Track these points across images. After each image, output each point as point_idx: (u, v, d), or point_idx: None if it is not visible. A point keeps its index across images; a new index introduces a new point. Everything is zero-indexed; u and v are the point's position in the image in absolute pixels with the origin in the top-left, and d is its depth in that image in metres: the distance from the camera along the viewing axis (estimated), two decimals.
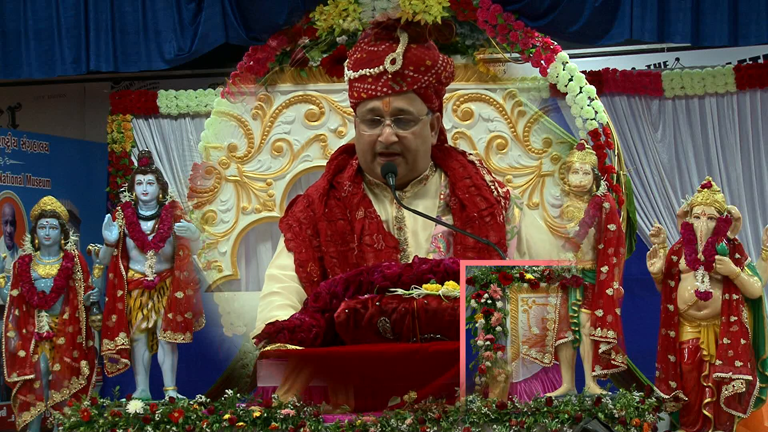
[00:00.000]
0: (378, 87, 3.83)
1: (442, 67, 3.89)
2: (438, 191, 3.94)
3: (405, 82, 3.83)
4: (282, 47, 4.53)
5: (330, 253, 3.86)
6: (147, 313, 3.92)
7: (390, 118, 3.83)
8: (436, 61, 3.87)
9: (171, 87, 5.08)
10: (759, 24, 4.37)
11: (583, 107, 4.28)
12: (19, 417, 4.02)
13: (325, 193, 3.94)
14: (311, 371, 3.37)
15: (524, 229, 3.96)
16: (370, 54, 3.86)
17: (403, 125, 3.84)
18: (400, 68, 3.80)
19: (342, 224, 3.88)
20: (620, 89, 4.77)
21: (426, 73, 3.84)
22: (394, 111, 3.83)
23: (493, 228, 3.83)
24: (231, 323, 4.48)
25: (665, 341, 3.53)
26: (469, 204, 3.87)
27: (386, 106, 3.83)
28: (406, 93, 3.83)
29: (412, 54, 3.84)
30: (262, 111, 4.58)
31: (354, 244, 3.83)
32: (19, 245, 4.59)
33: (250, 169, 4.58)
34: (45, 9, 4.77)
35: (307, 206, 3.95)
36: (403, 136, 3.84)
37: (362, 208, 3.88)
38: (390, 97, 3.83)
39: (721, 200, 3.53)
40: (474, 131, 4.51)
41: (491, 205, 3.87)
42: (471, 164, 3.99)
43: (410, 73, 3.82)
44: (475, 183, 3.91)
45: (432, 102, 3.91)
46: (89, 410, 3.35)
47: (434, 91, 3.90)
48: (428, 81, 3.85)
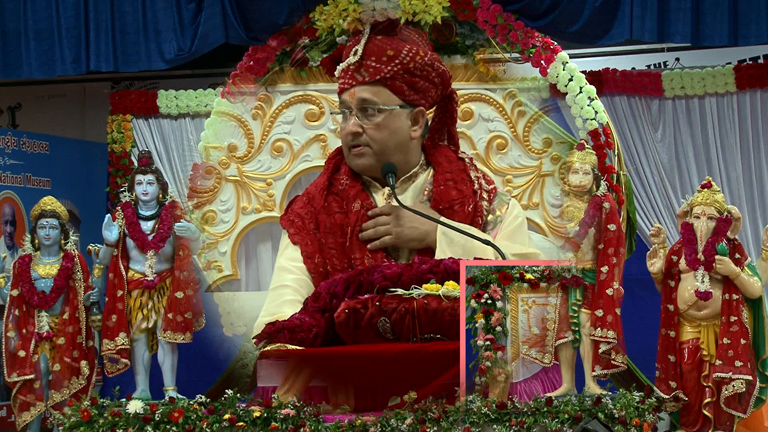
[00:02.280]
0: (345, 80, 3.91)
1: (407, 57, 3.87)
2: (423, 187, 3.96)
3: (367, 73, 3.86)
4: (282, 47, 4.53)
5: (329, 244, 3.88)
6: (147, 313, 3.92)
7: (355, 108, 3.88)
8: (400, 51, 3.87)
9: (171, 87, 5.08)
10: (759, 24, 4.37)
11: (583, 107, 4.27)
12: (19, 417, 4.02)
13: (325, 188, 3.98)
14: (311, 371, 3.37)
15: (505, 218, 3.96)
16: (346, 49, 3.96)
17: (367, 116, 3.87)
18: (360, 59, 3.85)
19: (340, 217, 3.91)
20: (620, 89, 4.77)
21: (389, 63, 3.85)
22: (357, 101, 3.87)
23: (459, 216, 3.85)
24: (231, 323, 4.48)
25: (665, 341, 3.53)
26: (440, 195, 3.89)
27: (351, 97, 3.88)
28: (371, 84, 3.86)
29: (374, 45, 3.89)
30: (262, 111, 4.58)
31: (350, 236, 3.85)
32: (19, 245, 4.58)
33: (250, 169, 4.58)
34: (45, 9, 4.76)
35: (307, 202, 3.99)
36: (367, 127, 3.86)
37: (359, 200, 3.91)
38: (354, 88, 3.87)
39: (721, 200, 3.52)
40: (474, 131, 4.51)
41: (464, 196, 3.89)
42: (460, 161, 4.01)
43: (372, 63, 3.85)
44: (454, 177, 3.94)
45: (405, 95, 3.90)
46: (89, 410, 3.36)
47: (406, 83, 3.89)
48: (392, 71, 3.85)
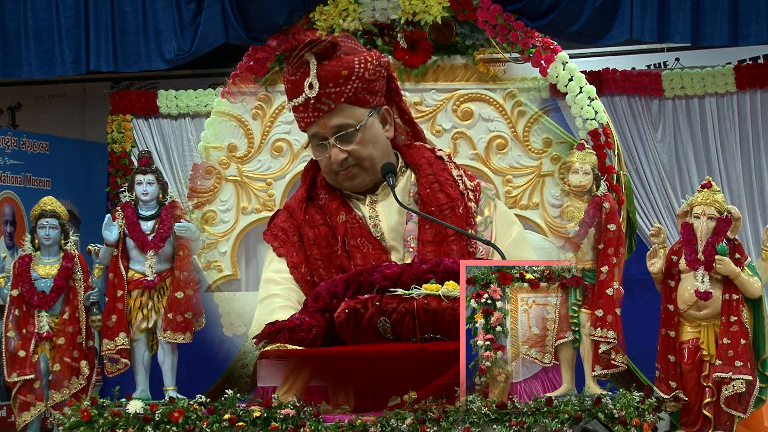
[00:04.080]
0: (309, 113, 3.81)
1: (361, 68, 3.80)
2: (407, 189, 3.95)
3: (331, 100, 3.78)
4: (282, 47, 4.53)
5: (314, 255, 3.86)
6: (147, 313, 3.92)
7: (332, 137, 3.82)
8: (352, 66, 3.78)
9: (171, 87, 5.07)
10: (759, 24, 4.37)
11: (583, 107, 4.28)
12: (19, 417, 4.02)
13: (304, 201, 3.96)
14: (311, 371, 3.37)
15: (496, 221, 3.95)
16: (292, 84, 3.81)
17: (347, 139, 3.82)
18: (319, 90, 3.75)
19: (324, 229, 3.89)
20: (620, 89, 4.76)
21: (346, 83, 3.78)
22: (333, 130, 3.81)
23: (451, 220, 3.83)
24: (231, 323, 4.48)
25: (665, 341, 3.53)
26: (429, 199, 3.87)
27: (324, 127, 3.82)
28: (336, 109, 3.80)
29: (326, 71, 3.76)
30: (262, 111, 4.58)
31: (338, 247, 3.83)
32: (19, 245, 4.58)
33: (250, 169, 4.58)
34: (45, 9, 4.77)
35: (288, 216, 3.97)
36: (351, 150, 3.82)
37: (342, 212, 3.88)
38: (323, 119, 3.80)
39: (721, 200, 3.52)
40: (474, 131, 4.51)
41: (452, 199, 3.87)
42: (439, 160, 3.99)
43: (331, 89, 3.76)
44: (438, 179, 3.92)
45: (368, 102, 3.86)
46: (89, 410, 3.36)
47: (366, 91, 3.84)
48: (353, 87, 3.79)
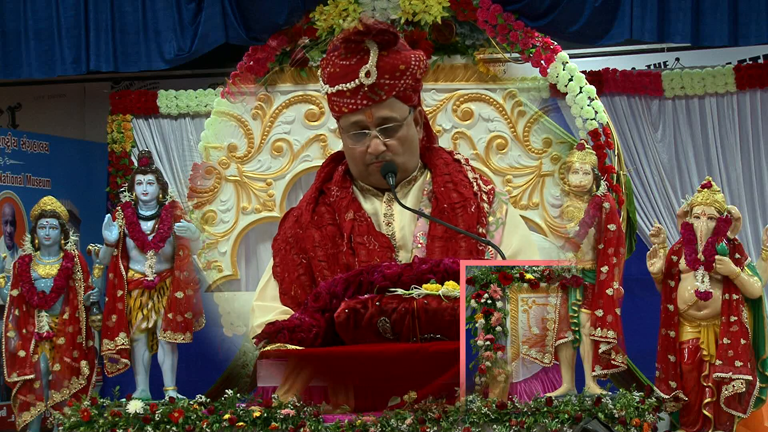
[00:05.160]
0: (357, 100, 3.78)
1: (416, 66, 3.82)
2: (422, 188, 3.95)
3: (383, 91, 3.77)
4: (282, 47, 4.53)
5: (318, 257, 3.84)
6: (147, 313, 3.92)
7: (375, 128, 3.81)
8: (410, 62, 3.80)
9: (171, 87, 5.07)
10: (759, 24, 4.37)
11: (583, 107, 4.28)
12: (19, 417, 4.02)
13: (314, 201, 3.94)
14: (311, 371, 3.37)
15: (507, 223, 3.93)
16: (343, 68, 3.78)
17: (389, 132, 3.82)
18: (375, 79, 3.74)
19: (331, 229, 3.87)
20: (620, 89, 4.76)
21: (402, 77, 3.79)
22: (378, 121, 3.80)
23: (462, 218, 3.83)
24: (231, 323, 4.48)
25: (665, 341, 3.53)
26: (442, 196, 3.87)
27: (369, 117, 3.80)
28: (386, 101, 3.79)
29: (385, 62, 3.76)
30: (262, 111, 4.58)
31: (344, 246, 3.83)
32: (19, 245, 4.58)
33: (250, 169, 4.58)
34: (45, 9, 4.77)
35: (295, 221, 3.95)
36: (390, 144, 3.82)
37: (351, 210, 3.87)
38: (371, 108, 3.79)
39: (721, 200, 3.52)
40: (474, 131, 4.51)
41: (465, 198, 3.87)
42: (456, 162, 4.00)
43: (387, 81, 3.76)
44: (453, 179, 3.92)
45: (411, 100, 3.89)
46: (89, 410, 3.36)
47: (413, 89, 3.87)
48: (405, 84, 3.80)
